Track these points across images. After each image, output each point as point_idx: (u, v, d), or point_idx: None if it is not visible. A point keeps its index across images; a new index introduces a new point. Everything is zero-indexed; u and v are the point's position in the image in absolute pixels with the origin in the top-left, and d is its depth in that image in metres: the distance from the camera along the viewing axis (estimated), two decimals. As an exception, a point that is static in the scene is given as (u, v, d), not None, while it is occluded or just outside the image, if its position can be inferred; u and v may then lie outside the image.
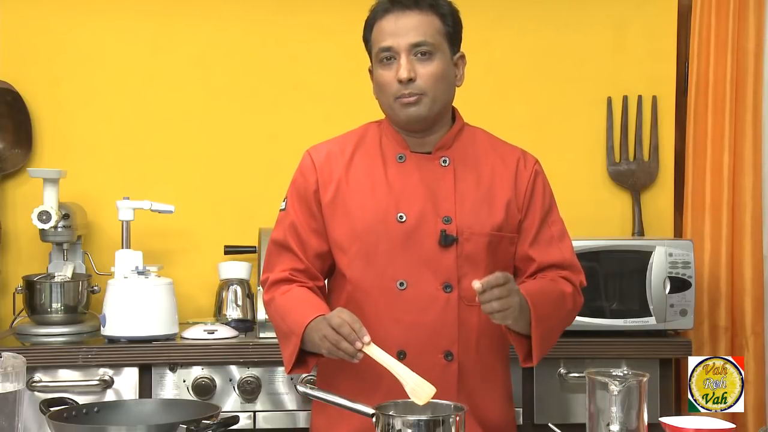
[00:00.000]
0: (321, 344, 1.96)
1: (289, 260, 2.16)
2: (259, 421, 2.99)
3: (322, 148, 2.20)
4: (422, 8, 2.07)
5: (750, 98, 3.45)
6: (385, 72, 2.08)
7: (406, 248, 2.09)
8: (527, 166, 2.18)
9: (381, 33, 2.08)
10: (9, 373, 1.77)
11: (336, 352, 1.93)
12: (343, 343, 1.90)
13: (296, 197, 2.18)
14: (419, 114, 2.08)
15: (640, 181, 3.56)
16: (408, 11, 2.06)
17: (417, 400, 1.85)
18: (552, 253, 2.16)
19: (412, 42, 2.05)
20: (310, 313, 2.02)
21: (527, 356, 2.10)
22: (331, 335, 1.92)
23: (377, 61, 2.10)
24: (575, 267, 2.19)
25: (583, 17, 3.59)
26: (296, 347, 2.04)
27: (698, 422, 1.93)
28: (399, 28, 2.06)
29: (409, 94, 2.06)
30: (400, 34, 2.05)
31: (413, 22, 2.06)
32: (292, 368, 2.08)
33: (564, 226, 2.22)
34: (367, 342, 1.90)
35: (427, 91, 2.07)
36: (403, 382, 1.87)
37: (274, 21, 3.56)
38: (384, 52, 2.07)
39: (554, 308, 2.10)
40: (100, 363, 2.94)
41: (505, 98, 3.55)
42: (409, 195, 2.10)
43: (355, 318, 1.93)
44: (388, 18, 2.07)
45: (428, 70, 2.06)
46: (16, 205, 3.48)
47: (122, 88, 3.52)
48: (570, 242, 2.21)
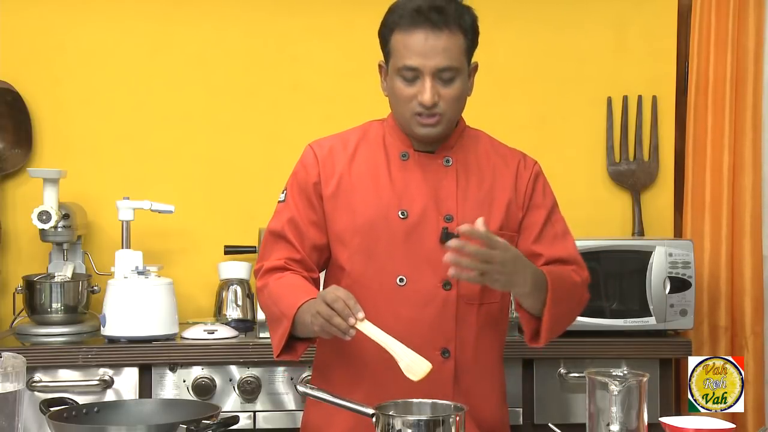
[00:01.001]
0: (313, 321, 1.93)
1: (285, 250, 2.15)
2: (259, 421, 2.99)
3: (325, 142, 2.20)
4: (451, 28, 2.03)
5: (750, 98, 3.45)
6: (406, 88, 2.06)
7: (407, 245, 2.09)
8: (527, 167, 2.20)
9: (407, 49, 2.04)
10: (9, 373, 1.77)
11: (329, 328, 1.90)
12: (335, 318, 1.88)
13: (296, 189, 2.18)
14: (437, 134, 2.10)
15: (640, 181, 3.56)
16: (438, 32, 2.02)
17: (412, 376, 1.83)
18: (558, 249, 2.17)
19: (439, 67, 2.03)
20: (302, 296, 2.02)
21: (534, 335, 2.11)
22: (325, 310, 1.89)
23: (398, 74, 2.07)
24: (580, 263, 2.20)
25: (583, 17, 3.59)
26: (286, 330, 2.03)
27: (698, 422, 1.93)
28: (427, 49, 2.02)
29: (430, 115, 2.06)
30: (428, 56, 2.02)
31: (442, 44, 2.02)
32: (280, 353, 2.07)
33: (566, 224, 2.24)
34: (361, 318, 1.88)
35: (446, 113, 2.07)
36: (397, 358, 1.86)
37: (274, 21, 3.56)
38: (408, 71, 2.04)
39: (569, 293, 2.11)
40: (100, 363, 2.94)
41: (505, 98, 3.55)
42: (411, 192, 2.11)
43: (349, 294, 1.91)
44: (416, 34, 2.03)
45: (450, 93, 2.06)
46: (16, 205, 3.48)
47: (122, 88, 3.52)
48: (573, 240, 2.22)
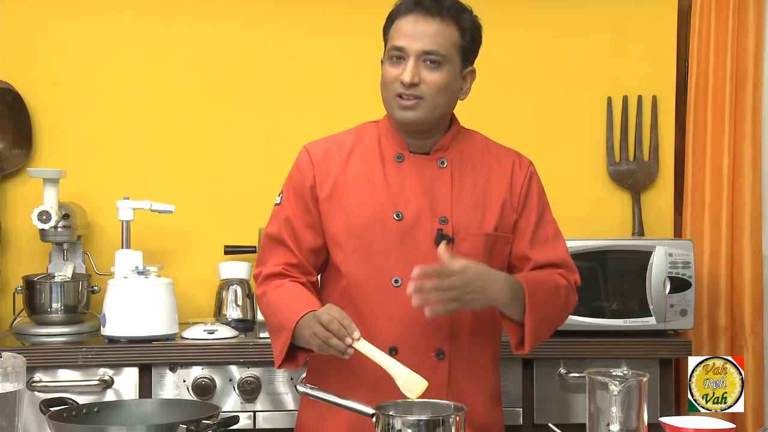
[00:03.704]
0: (311, 341, 1.97)
1: (282, 254, 2.17)
2: (259, 421, 2.99)
3: (320, 144, 2.21)
4: (444, 17, 2.08)
5: (750, 98, 3.45)
6: (392, 69, 2.09)
7: (402, 246, 2.10)
8: (522, 167, 2.21)
9: (398, 31, 2.09)
10: (9, 373, 1.77)
11: (326, 349, 1.94)
12: (332, 340, 1.92)
13: (292, 192, 2.19)
14: (415, 117, 2.10)
15: (640, 181, 3.56)
16: (429, 17, 2.07)
17: (409, 394, 1.85)
18: (548, 252, 2.18)
19: (424, 49, 2.06)
20: (301, 308, 2.04)
21: (519, 343, 2.12)
22: (321, 332, 1.94)
23: (387, 56, 2.11)
24: (570, 266, 2.21)
25: (583, 18, 3.59)
26: (287, 342, 2.05)
27: (698, 422, 1.93)
28: (416, 32, 2.07)
29: (409, 96, 2.08)
30: (415, 38, 2.06)
31: (431, 29, 2.06)
32: (282, 363, 2.09)
33: (557, 226, 2.25)
34: (357, 338, 1.92)
35: (426, 97, 2.08)
36: (394, 376, 1.88)
37: (274, 21, 3.56)
38: (395, 50, 2.08)
39: (549, 297, 2.12)
40: (100, 363, 2.94)
41: (505, 98, 3.55)
42: (406, 194, 2.12)
43: (344, 314, 1.94)
44: (408, 18, 2.08)
45: (433, 78, 2.07)
46: (16, 205, 3.48)
47: (122, 88, 3.52)
48: (564, 242, 2.23)
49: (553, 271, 2.17)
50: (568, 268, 2.20)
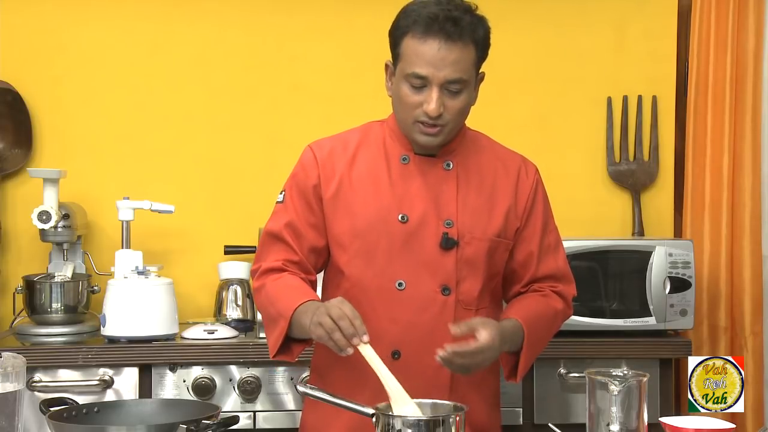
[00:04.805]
0: (312, 329, 1.91)
1: (283, 251, 2.14)
2: (259, 421, 2.99)
3: (325, 143, 2.18)
4: (464, 40, 2.01)
5: (750, 98, 3.45)
6: (413, 95, 2.03)
7: (406, 249, 2.08)
8: (528, 174, 2.19)
9: (418, 56, 2.00)
10: (9, 373, 1.77)
11: (327, 341, 1.89)
12: (336, 334, 1.87)
13: (295, 190, 2.16)
14: (437, 143, 2.08)
15: (640, 181, 3.56)
16: (451, 43, 1.99)
17: (396, 409, 1.82)
18: (548, 264, 2.19)
19: (448, 78, 2.00)
20: (300, 297, 2.02)
21: (511, 373, 2.15)
22: (328, 324, 1.88)
23: (406, 79, 2.03)
24: (568, 277, 2.22)
25: (583, 18, 3.59)
26: (283, 331, 2.03)
27: (698, 422, 1.93)
28: (438, 60, 1.99)
29: (433, 125, 2.04)
30: (438, 66, 1.99)
31: (453, 56, 2.00)
32: (276, 353, 2.07)
33: (559, 234, 2.24)
34: (366, 341, 1.87)
35: (448, 123, 2.05)
36: (389, 391, 1.84)
37: (274, 21, 3.56)
38: (417, 78, 2.01)
39: (546, 331, 2.17)
40: (100, 363, 2.94)
41: (505, 98, 3.54)
42: (411, 196, 2.10)
43: (356, 314, 1.89)
44: (429, 43, 1.99)
45: (455, 105, 2.03)
46: (16, 205, 3.48)
47: (122, 88, 3.52)
48: (563, 251, 2.23)
49: (550, 290, 2.18)
50: (566, 280, 2.21)
